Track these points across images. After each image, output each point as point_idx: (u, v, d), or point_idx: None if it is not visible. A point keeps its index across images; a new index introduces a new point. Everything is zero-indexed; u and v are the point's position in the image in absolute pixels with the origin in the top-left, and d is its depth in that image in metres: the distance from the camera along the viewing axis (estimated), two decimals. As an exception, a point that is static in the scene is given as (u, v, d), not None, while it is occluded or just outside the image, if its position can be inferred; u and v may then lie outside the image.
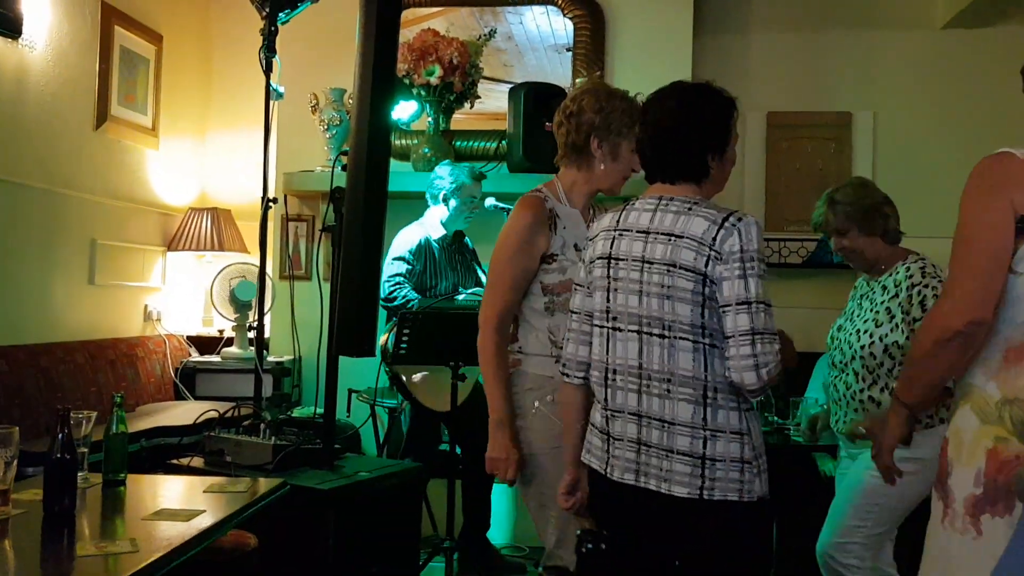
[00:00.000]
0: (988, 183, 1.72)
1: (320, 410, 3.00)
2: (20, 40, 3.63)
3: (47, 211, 3.86)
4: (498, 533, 3.99)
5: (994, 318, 1.70)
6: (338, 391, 3.02)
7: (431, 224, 3.78)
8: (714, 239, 1.81)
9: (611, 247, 1.95)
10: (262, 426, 2.88)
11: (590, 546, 1.42)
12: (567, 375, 2.07)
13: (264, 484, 2.36)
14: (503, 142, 4.35)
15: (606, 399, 1.96)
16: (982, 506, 1.70)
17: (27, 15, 3.53)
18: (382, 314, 3.30)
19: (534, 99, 4.15)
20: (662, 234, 1.87)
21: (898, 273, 2.80)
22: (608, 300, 1.95)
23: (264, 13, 3.27)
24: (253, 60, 3.29)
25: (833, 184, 3.14)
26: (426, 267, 3.73)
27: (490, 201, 3.71)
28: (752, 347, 1.78)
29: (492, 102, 4.54)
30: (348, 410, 3.81)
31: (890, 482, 1.99)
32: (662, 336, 1.86)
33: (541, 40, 4.63)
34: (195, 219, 4.73)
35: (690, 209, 1.87)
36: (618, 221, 1.97)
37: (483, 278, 3.89)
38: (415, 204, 3.97)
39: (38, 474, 2.18)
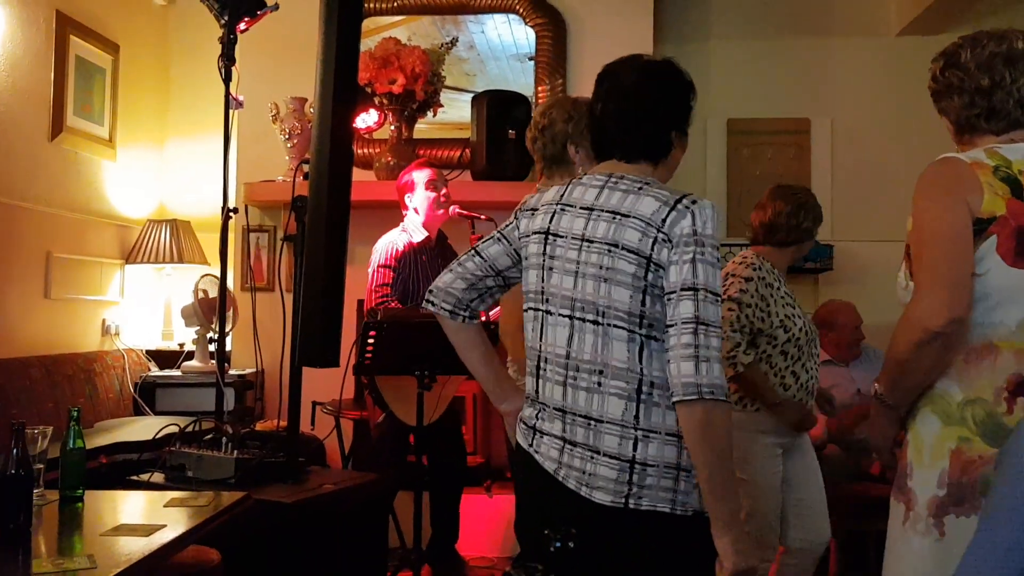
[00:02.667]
0: (942, 187, 1.74)
1: (283, 423, 2.95)
2: (-29, 49, 3.55)
3: (2, 224, 3.77)
4: (468, 544, 3.96)
5: None
6: (302, 403, 2.99)
7: (411, 228, 3.73)
8: (664, 220, 1.65)
9: (550, 222, 1.79)
10: (224, 440, 2.84)
11: (559, 544, 1.38)
12: (432, 303, 1.92)
13: (227, 498, 2.32)
14: (466, 150, 4.35)
15: (537, 391, 1.80)
16: (946, 507, 1.71)
17: (-22, 24, 3.47)
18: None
19: (497, 107, 4.16)
20: (607, 212, 1.71)
21: None
22: (543, 280, 1.79)
23: (223, 21, 3.23)
24: (212, 69, 3.25)
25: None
26: (410, 273, 3.68)
27: (454, 209, 3.69)
28: (694, 336, 1.58)
29: (455, 111, 4.54)
30: (312, 422, 3.77)
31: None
32: (595, 323, 1.69)
33: (503, 49, 4.63)
34: (154, 231, 4.66)
35: (641, 188, 1.71)
36: (562, 196, 1.81)
37: None
38: (378, 213, 3.95)
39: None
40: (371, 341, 3.01)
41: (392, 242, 3.68)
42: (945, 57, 1.88)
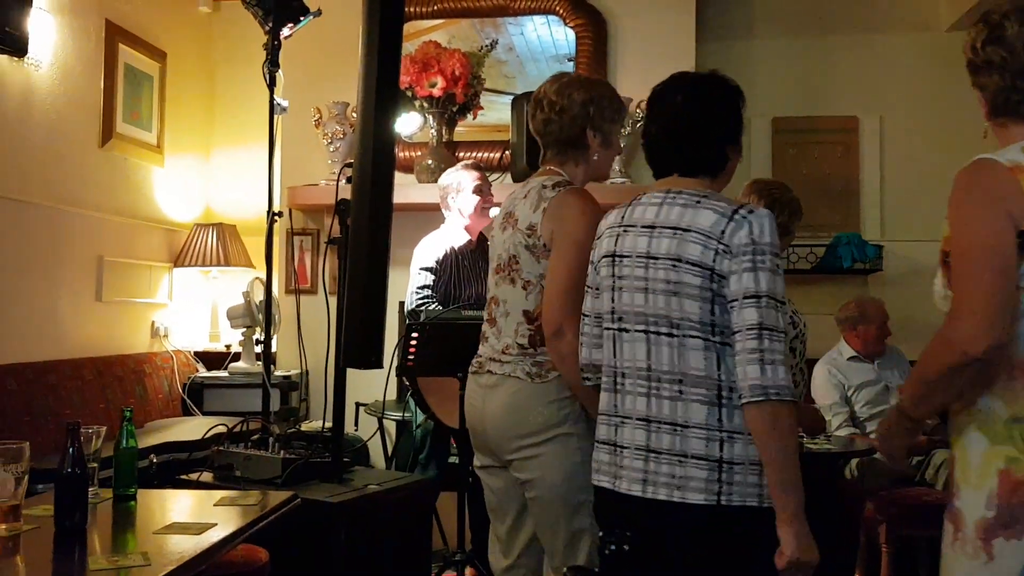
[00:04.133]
0: (981, 196, 1.64)
1: (328, 423, 2.98)
2: (26, 59, 3.65)
3: (54, 229, 3.87)
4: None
5: None
6: (345, 404, 3.02)
7: (453, 231, 3.74)
8: (723, 232, 1.72)
9: (615, 244, 1.87)
10: (271, 440, 2.88)
11: (613, 547, 1.39)
12: (587, 379, 2.00)
13: (275, 497, 2.35)
14: (506, 152, 4.36)
15: (615, 405, 1.87)
16: (994, 530, 1.63)
17: (33, 34, 3.54)
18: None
19: (537, 109, 4.16)
20: (668, 228, 1.78)
21: None
22: (613, 300, 1.87)
23: (267, 28, 3.28)
24: (256, 75, 3.30)
25: (841, 188, 3.13)
26: (451, 275, 3.69)
27: (495, 211, 3.70)
28: (759, 341, 1.66)
29: (494, 113, 4.55)
30: (356, 423, 3.80)
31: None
32: (670, 335, 1.77)
33: (542, 50, 4.64)
34: (201, 235, 4.74)
35: (698, 202, 1.78)
36: (623, 217, 1.89)
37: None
38: (420, 216, 3.97)
39: (47, 491, 2.18)
40: (413, 343, 3.02)
41: (433, 245, 3.68)
42: (989, 28, 1.73)
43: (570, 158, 2.34)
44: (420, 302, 3.58)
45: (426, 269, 3.63)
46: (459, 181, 3.70)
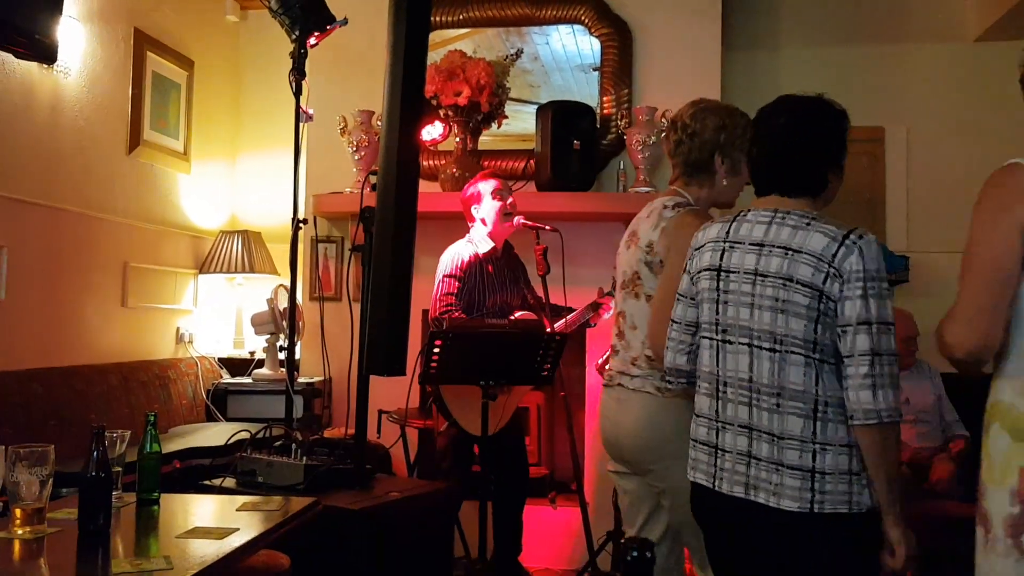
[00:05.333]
0: (996, 200, 1.70)
1: (351, 430, 2.98)
2: (55, 67, 3.69)
3: (81, 235, 3.91)
4: (532, 556, 3.95)
5: (1017, 332, 1.68)
6: (368, 411, 3.02)
7: (477, 239, 3.74)
8: (834, 256, 1.79)
9: (720, 259, 1.95)
10: (293, 446, 2.88)
11: (635, 554, 1.37)
12: (671, 383, 2.12)
13: (296, 503, 2.35)
14: (531, 161, 4.36)
15: (716, 411, 1.95)
16: (1021, 526, 1.64)
17: (62, 42, 3.58)
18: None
19: (562, 118, 4.16)
20: (778, 247, 1.85)
21: None
22: (717, 312, 1.95)
23: (293, 36, 3.30)
24: (283, 83, 3.32)
25: (866, 198, 3.10)
26: (475, 283, 3.69)
27: (519, 220, 3.70)
28: (871, 367, 1.75)
29: (519, 123, 4.55)
30: (379, 431, 3.80)
31: None
32: (772, 350, 1.84)
33: (567, 60, 4.64)
34: (226, 241, 4.78)
35: (808, 224, 1.85)
36: (728, 232, 1.96)
37: (528, 297, 3.86)
38: (444, 224, 3.98)
39: (72, 495, 2.19)
40: (436, 351, 3.03)
41: (458, 253, 3.69)
42: None
43: (695, 181, 2.46)
44: (444, 311, 3.58)
45: (451, 277, 3.64)
46: (478, 191, 3.73)
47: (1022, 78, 1.83)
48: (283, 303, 4.43)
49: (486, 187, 3.72)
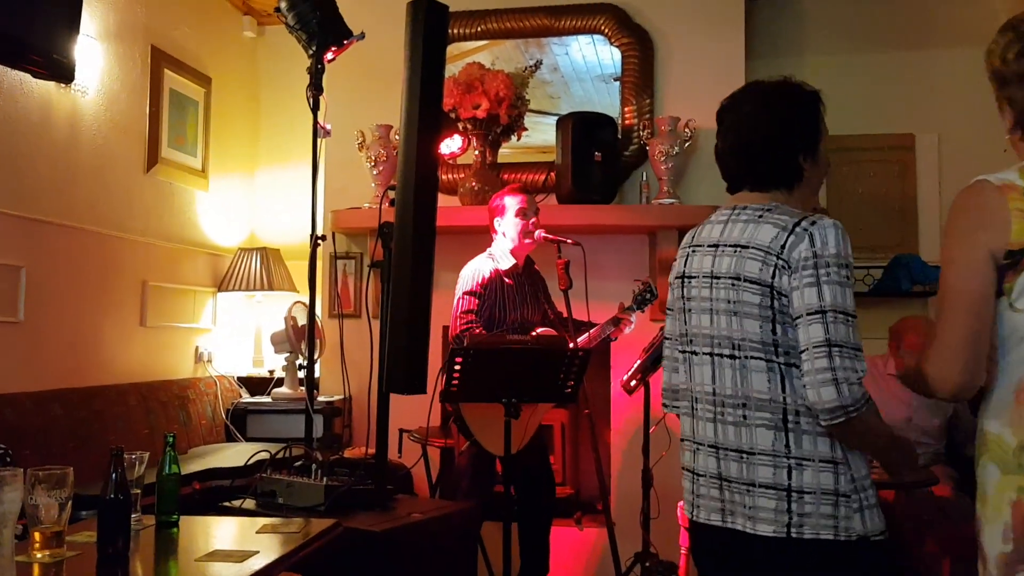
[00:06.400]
0: (966, 226, 1.62)
1: (371, 450, 2.93)
2: (73, 86, 3.68)
3: (99, 254, 3.89)
4: None
5: (1002, 359, 1.59)
6: (389, 431, 2.96)
7: (498, 255, 3.69)
8: (783, 246, 1.64)
9: (684, 265, 1.84)
10: (313, 467, 2.83)
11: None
12: (666, 405, 1.95)
13: (317, 525, 2.31)
14: (551, 173, 4.30)
15: (693, 431, 1.81)
16: (1014, 565, 1.55)
17: (80, 61, 3.57)
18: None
19: (582, 129, 4.11)
20: (729, 246, 1.72)
21: None
22: (685, 322, 1.82)
23: (310, 52, 3.27)
24: (300, 99, 3.29)
25: (897, 207, 3.01)
26: (496, 300, 3.63)
27: (540, 233, 3.64)
28: (828, 359, 1.57)
29: (539, 134, 4.51)
30: (400, 450, 3.74)
31: None
32: (732, 356, 1.70)
33: (587, 70, 4.58)
34: (245, 259, 4.75)
35: (760, 216, 1.71)
36: (692, 237, 1.86)
37: (549, 312, 3.79)
38: (463, 238, 3.92)
39: (91, 517, 2.15)
40: (457, 368, 2.97)
41: (478, 268, 3.63)
42: (1020, 38, 1.66)
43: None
44: (464, 328, 3.52)
45: (471, 293, 3.57)
46: (503, 204, 3.67)
47: (997, 73, 1.71)
48: (302, 320, 4.39)
49: (512, 202, 3.66)
